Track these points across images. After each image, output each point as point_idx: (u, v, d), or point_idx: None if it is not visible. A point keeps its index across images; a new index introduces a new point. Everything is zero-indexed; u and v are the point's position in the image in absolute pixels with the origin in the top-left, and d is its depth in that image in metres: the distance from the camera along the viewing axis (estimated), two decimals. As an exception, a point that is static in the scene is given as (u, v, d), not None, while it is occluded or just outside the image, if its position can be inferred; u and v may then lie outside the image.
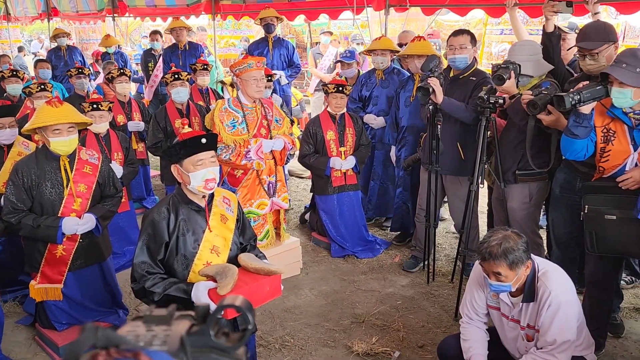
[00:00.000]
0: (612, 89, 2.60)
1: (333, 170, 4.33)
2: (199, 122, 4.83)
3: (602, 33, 3.02)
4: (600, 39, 2.99)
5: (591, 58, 3.00)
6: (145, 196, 5.47)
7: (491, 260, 2.29)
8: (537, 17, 4.42)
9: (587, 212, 2.81)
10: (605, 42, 2.98)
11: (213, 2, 7.56)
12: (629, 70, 2.54)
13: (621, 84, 2.55)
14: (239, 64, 3.78)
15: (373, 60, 4.93)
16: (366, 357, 3.13)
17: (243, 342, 0.56)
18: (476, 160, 3.38)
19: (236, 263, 2.49)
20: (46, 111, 3.01)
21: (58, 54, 8.41)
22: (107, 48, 8.20)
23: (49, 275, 3.14)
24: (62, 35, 8.56)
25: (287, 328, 3.44)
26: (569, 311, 2.33)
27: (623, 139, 2.73)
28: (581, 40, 3.07)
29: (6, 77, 5.43)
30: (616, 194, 2.72)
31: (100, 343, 0.46)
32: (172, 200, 2.49)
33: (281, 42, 6.39)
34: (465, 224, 3.63)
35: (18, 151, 3.60)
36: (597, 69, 2.97)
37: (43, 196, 3.03)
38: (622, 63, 2.57)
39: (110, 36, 8.62)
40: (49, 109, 3.02)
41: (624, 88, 2.56)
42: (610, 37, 3.02)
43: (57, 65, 8.19)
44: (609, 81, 2.60)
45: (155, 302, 2.37)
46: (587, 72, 3.09)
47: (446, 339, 2.77)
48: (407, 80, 4.49)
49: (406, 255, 4.41)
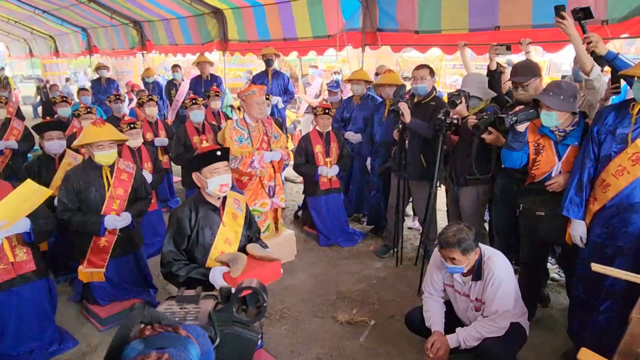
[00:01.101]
0: (541, 112, 2.64)
1: (321, 177, 4.34)
2: (212, 138, 4.82)
3: (530, 70, 3.07)
4: (529, 74, 3.04)
5: (522, 89, 3.06)
6: (169, 198, 5.45)
7: (447, 248, 2.32)
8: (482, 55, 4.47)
9: (522, 209, 2.88)
10: (532, 76, 3.04)
11: (223, 41, 7.54)
12: (554, 97, 2.58)
13: (548, 107, 2.59)
14: (245, 92, 3.78)
15: (351, 88, 4.97)
16: (348, 325, 3.13)
17: (260, 317, 0.56)
18: (435, 168, 3.41)
19: (245, 252, 2.50)
20: (92, 130, 3.01)
21: (99, 84, 8.35)
22: (147, 78, 8.14)
23: (93, 261, 3.13)
24: (103, 68, 8.51)
25: (285, 303, 3.44)
26: (508, 287, 2.37)
27: (550, 152, 2.77)
28: (514, 75, 3.12)
29: (57, 102, 5.43)
30: (545, 195, 2.76)
31: (147, 319, 0.47)
32: (193, 201, 2.50)
33: (278, 74, 6.41)
34: (427, 219, 3.67)
35: (68, 162, 3.57)
36: (526, 98, 3.03)
37: (89, 198, 3.01)
38: (550, 91, 2.62)
39: (150, 69, 8.58)
40: (95, 128, 3.01)
41: (550, 111, 2.60)
42: (536, 73, 3.08)
43: (98, 93, 8.14)
44: (539, 105, 2.65)
45: (179, 283, 2.37)
46: (517, 99, 3.15)
47: (412, 310, 2.78)
48: (380, 105, 4.53)
49: (379, 244, 4.43)
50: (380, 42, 5.45)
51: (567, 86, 2.63)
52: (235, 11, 7.04)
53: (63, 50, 12.81)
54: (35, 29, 12.76)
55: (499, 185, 3.27)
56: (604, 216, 2.43)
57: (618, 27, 3.47)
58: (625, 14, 3.41)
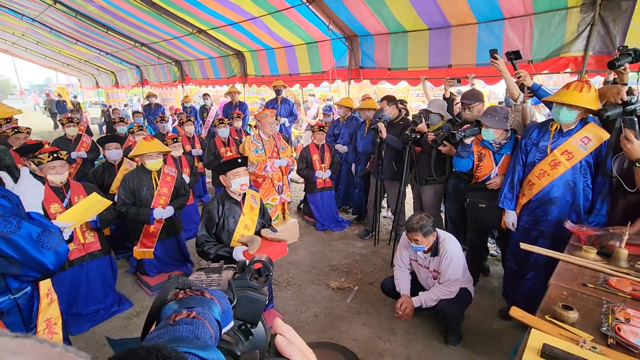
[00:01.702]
0: (482, 129, 2.65)
1: (317, 178, 4.33)
2: (235, 149, 4.81)
3: (475, 96, 3.09)
4: (474, 99, 3.06)
5: (468, 110, 3.07)
6: (202, 194, 5.41)
7: (412, 232, 2.33)
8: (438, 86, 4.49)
9: (468, 202, 2.88)
10: (477, 101, 3.06)
11: (244, 76, 7.52)
12: (491, 118, 2.60)
13: (487, 126, 2.61)
14: (260, 114, 3.77)
15: (337, 111, 4.98)
16: (338, 290, 3.13)
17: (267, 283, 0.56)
18: (403, 172, 3.42)
19: (259, 235, 2.49)
20: (143, 144, 2.99)
21: (149, 108, 8.30)
22: (186, 103, 8.10)
23: (145, 243, 3.11)
24: (152, 96, 8.46)
25: (290, 273, 3.44)
26: (458, 261, 2.38)
27: (489, 159, 2.78)
28: (463, 99, 3.14)
29: (116, 122, 5.37)
30: (485, 192, 2.78)
31: (180, 286, 0.47)
32: (220, 197, 2.48)
33: (286, 100, 6.39)
34: (397, 210, 3.67)
35: (125, 168, 3.55)
36: (471, 118, 3.04)
37: (141, 195, 3.00)
38: (488, 114, 2.63)
39: (188, 96, 8.51)
40: (145, 142, 2.99)
41: (488, 129, 2.62)
42: (480, 99, 3.09)
43: (148, 115, 8.08)
44: (481, 125, 2.66)
45: (210, 259, 2.36)
46: (465, 119, 3.16)
47: (385, 279, 2.79)
48: (361, 124, 4.52)
49: (361, 229, 4.43)
50: (362, 76, 5.45)
51: (501, 110, 2.65)
52: (253, 53, 7.02)
53: (122, 83, 12.74)
54: (100, 66, 12.68)
55: (450, 185, 3.28)
56: (530, 207, 2.45)
57: (540, 65, 3.49)
58: (546, 56, 3.43)
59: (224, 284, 0.50)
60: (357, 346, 2.43)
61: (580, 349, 1.18)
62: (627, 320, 1.31)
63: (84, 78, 15.76)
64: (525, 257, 2.46)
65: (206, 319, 0.36)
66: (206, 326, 0.35)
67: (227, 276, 0.52)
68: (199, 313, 0.37)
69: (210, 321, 0.37)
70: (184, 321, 0.35)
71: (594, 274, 1.68)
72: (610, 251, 1.81)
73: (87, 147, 4.69)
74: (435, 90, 6.50)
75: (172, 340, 0.30)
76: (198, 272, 0.55)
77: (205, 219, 2.39)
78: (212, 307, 0.41)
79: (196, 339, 0.32)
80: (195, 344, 0.30)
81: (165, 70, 9.91)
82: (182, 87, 9.90)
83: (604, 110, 2.02)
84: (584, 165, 2.24)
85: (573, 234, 2.10)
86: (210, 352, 0.30)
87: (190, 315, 0.35)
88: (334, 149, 4.62)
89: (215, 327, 0.37)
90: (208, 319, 0.36)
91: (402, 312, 2.39)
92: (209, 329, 0.35)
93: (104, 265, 2.79)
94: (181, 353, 0.27)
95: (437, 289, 2.40)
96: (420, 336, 2.54)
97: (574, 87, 2.16)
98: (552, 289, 1.56)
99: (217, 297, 0.42)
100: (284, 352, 0.36)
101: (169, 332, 0.32)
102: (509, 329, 2.59)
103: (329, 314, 2.81)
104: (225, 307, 0.43)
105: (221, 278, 0.52)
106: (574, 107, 2.15)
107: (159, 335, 0.32)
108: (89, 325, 2.65)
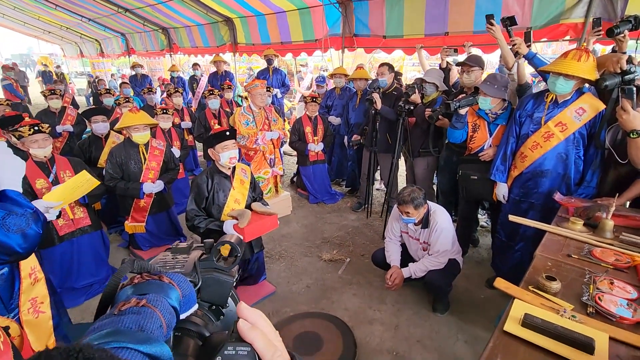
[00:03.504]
0: (480, 98, 2.60)
1: (310, 151, 4.28)
2: (226, 121, 4.70)
3: (477, 61, 2.99)
4: (476, 63, 2.97)
5: (467, 74, 2.98)
6: (194, 168, 5.35)
7: (404, 205, 2.33)
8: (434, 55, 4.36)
9: (461, 174, 2.85)
10: (477, 66, 2.97)
11: (234, 44, 7.25)
12: (490, 86, 2.54)
13: (485, 94, 2.56)
14: (250, 84, 3.65)
15: (334, 81, 4.84)
16: (330, 262, 3.18)
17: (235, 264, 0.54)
18: (397, 144, 3.39)
19: (250, 208, 2.49)
20: (129, 116, 2.91)
21: (135, 79, 8.02)
22: (173, 73, 7.82)
23: (136, 217, 3.10)
24: (138, 66, 8.15)
25: (283, 246, 3.47)
26: (447, 233, 2.40)
27: (484, 130, 2.74)
28: (466, 60, 3.02)
29: (102, 94, 5.22)
30: (478, 163, 2.76)
31: (136, 270, 0.45)
32: (209, 171, 2.45)
33: (278, 70, 6.19)
34: (389, 182, 3.68)
35: (112, 141, 3.47)
36: (469, 82, 2.97)
37: (129, 170, 2.95)
38: (487, 82, 2.57)
39: (175, 65, 8.22)
40: (131, 114, 2.91)
41: (486, 97, 2.57)
42: (481, 65, 3.00)
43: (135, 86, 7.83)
44: (479, 93, 2.60)
45: (201, 233, 2.36)
46: (463, 85, 3.08)
47: (376, 250, 2.82)
48: (353, 94, 4.42)
49: (354, 201, 4.45)
50: (356, 45, 5.28)
51: (501, 78, 2.58)
52: (242, 19, 6.73)
53: (107, 52, 12.22)
54: (83, 33, 12.12)
55: (442, 157, 3.26)
56: (521, 180, 2.45)
57: (539, 33, 3.38)
58: (545, 22, 3.32)
59: (189, 265, 0.48)
60: (347, 315, 2.50)
61: (561, 317, 1.21)
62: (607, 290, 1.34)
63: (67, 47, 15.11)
64: (515, 228, 2.48)
65: (157, 306, 0.35)
66: (155, 315, 0.33)
67: (194, 257, 0.50)
68: (150, 300, 0.35)
69: (162, 309, 0.35)
70: (130, 310, 0.33)
71: (579, 245, 1.71)
72: (596, 222, 1.83)
73: (72, 120, 4.56)
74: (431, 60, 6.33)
75: (110, 334, 0.28)
76: (165, 252, 0.53)
77: (195, 193, 2.37)
78: (168, 292, 0.39)
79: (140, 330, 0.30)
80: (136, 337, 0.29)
81: (152, 38, 9.51)
82: (170, 57, 9.54)
83: (601, 79, 1.97)
84: (577, 137, 2.22)
85: (562, 206, 2.11)
86: (153, 346, 0.28)
87: (140, 304, 0.34)
88: (327, 122, 4.55)
89: (168, 314, 0.36)
90: (160, 307, 0.35)
91: (392, 282, 2.44)
92: (159, 318, 0.33)
93: (95, 240, 2.79)
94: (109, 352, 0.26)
95: (426, 260, 2.44)
96: (409, 305, 2.61)
97: (572, 55, 2.09)
98: (537, 260, 1.58)
99: (177, 280, 0.41)
100: (245, 337, 0.35)
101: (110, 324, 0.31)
102: (496, 298, 2.67)
103: (321, 285, 2.86)
104: (186, 291, 0.42)
105: (187, 259, 0.50)
106: (571, 77, 2.09)
107: (100, 326, 0.30)
108: (84, 299, 2.69)
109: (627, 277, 1.44)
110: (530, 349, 1.10)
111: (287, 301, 2.67)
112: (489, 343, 1.12)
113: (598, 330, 1.15)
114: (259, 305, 2.62)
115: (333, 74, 4.80)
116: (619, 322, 1.20)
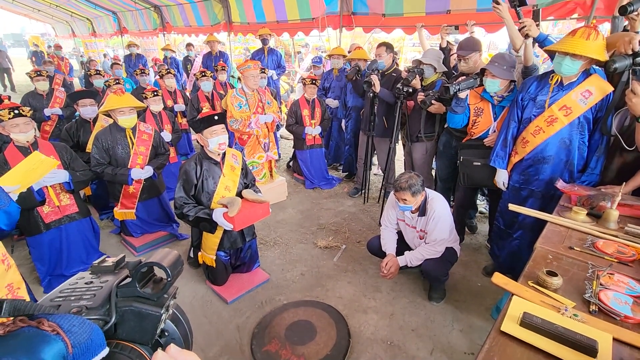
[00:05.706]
0: (486, 80, 2.47)
1: (307, 135, 4.17)
2: (220, 104, 4.55)
3: (471, 45, 2.84)
4: (469, 49, 2.82)
5: (464, 62, 2.86)
6: (188, 152, 5.23)
7: (401, 191, 2.25)
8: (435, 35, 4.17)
9: (462, 160, 2.74)
10: (472, 51, 2.82)
11: (228, 24, 6.98)
12: (499, 67, 2.41)
13: (493, 75, 2.43)
14: (242, 65, 3.48)
15: (331, 62, 4.66)
16: (325, 249, 3.13)
17: (164, 292, 0.43)
18: (394, 128, 3.27)
19: (241, 196, 2.40)
20: (114, 99, 2.77)
21: (130, 59, 7.77)
22: (166, 52, 7.56)
23: (125, 204, 3.01)
24: (133, 45, 7.86)
25: (278, 232, 3.40)
26: (445, 222, 2.33)
27: (488, 114, 2.63)
28: (459, 49, 2.89)
29: (92, 75, 5.03)
30: (481, 149, 2.65)
31: (12, 312, 0.34)
32: (198, 156, 2.35)
33: (273, 51, 5.98)
34: (387, 168, 3.58)
35: (101, 125, 3.33)
36: (468, 70, 2.83)
37: (117, 155, 2.84)
38: (495, 62, 2.44)
39: (169, 45, 7.95)
40: (116, 97, 2.77)
41: (494, 79, 2.44)
42: (476, 48, 2.84)
43: (129, 67, 7.59)
44: (484, 74, 2.47)
45: (190, 221, 2.28)
46: (461, 71, 2.95)
47: (372, 238, 2.76)
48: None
49: (351, 187, 4.36)
50: (354, 23, 5.06)
51: (509, 58, 2.45)
52: (237, -4, 6.45)
53: (99, 31, 11.85)
54: (73, 12, 11.69)
55: (441, 142, 3.15)
56: (522, 166, 2.35)
57: (545, 11, 3.21)
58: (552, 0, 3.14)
59: (100, 295, 0.38)
60: (342, 304, 2.46)
61: (561, 316, 1.14)
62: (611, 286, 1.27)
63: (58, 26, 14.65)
64: (514, 216, 2.41)
65: None
66: None
67: (112, 283, 0.40)
68: None
69: None
70: None
71: (582, 236, 1.63)
72: (600, 212, 1.75)
73: (61, 102, 4.40)
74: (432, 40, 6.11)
75: None
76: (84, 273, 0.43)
77: (183, 180, 2.28)
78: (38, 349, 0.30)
79: None
80: None
81: (145, 16, 9.18)
82: (163, 36, 9.24)
83: (611, 61, 1.84)
84: (582, 121, 2.11)
85: (564, 194, 2.03)
86: None
87: None
88: (325, 104, 4.41)
89: None
90: None
91: (387, 271, 2.38)
92: None
93: (84, 227, 2.71)
94: None
95: (423, 248, 2.38)
96: (405, 293, 2.57)
97: (580, 34, 1.96)
98: (537, 253, 1.51)
99: (67, 326, 0.31)
100: None
101: None
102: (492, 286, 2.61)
103: (316, 272, 2.81)
104: (81, 339, 0.32)
105: (102, 286, 0.40)
106: (579, 56, 1.96)
107: None
108: (74, 286, 2.63)
109: (632, 271, 1.37)
110: (529, 350, 1.03)
111: (281, 289, 2.63)
112: (485, 345, 1.05)
113: (601, 331, 1.08)
114: (252, 293, 2.58)
115: (330, 54, 4.62)
116: (624, 322, 1.13)
